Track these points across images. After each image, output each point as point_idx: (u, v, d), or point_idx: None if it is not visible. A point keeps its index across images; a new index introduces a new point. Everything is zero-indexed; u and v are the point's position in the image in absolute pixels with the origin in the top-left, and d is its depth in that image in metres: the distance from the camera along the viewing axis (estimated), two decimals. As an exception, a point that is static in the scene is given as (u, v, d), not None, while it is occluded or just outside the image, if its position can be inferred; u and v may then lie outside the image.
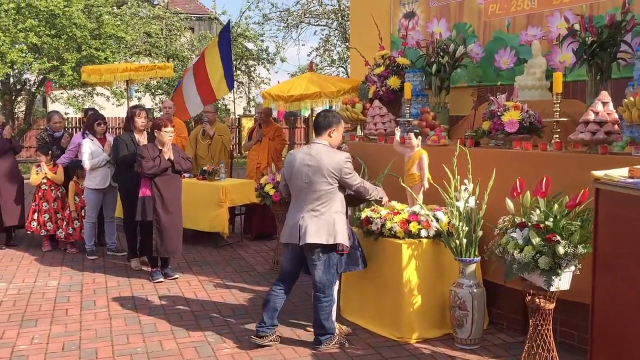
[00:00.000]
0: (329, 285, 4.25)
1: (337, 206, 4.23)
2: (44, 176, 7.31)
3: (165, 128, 5.90)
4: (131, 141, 6.41)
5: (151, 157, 5.84)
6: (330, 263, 4.24)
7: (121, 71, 9.01)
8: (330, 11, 20.23)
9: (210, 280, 6.11)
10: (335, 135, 4.33)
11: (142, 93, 18.88)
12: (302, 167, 4.23)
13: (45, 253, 7.24)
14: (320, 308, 4.25)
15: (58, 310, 5.15)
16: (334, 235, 4.15)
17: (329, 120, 4.32)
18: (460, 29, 6.22)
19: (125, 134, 6.55)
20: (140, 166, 5.82)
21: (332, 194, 4.20)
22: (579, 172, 3.94)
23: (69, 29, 15.06)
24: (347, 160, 4.23)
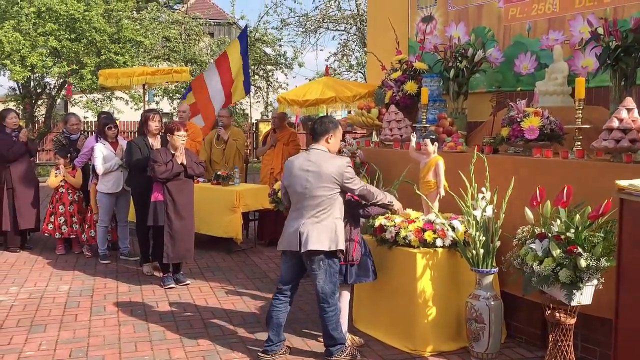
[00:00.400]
0: (331, 294, 4.11)
1: (337, 212, 4.13)
2: (62, 179, 7.29)
3: (177, 132, 5.84)
4: (145, 145, 6.36)
5: (164, 162, 5.78)
6: (332, 271, 4.11)
7: (138, 75, 9.01)
8: (349, 16, 20.13)
9: (222, 286, 6.03)
10: (332, 141, 4.22)
11: (160, 97, 18.95)
12: (302, 172, 4.12)
13: (58, 257, 7.22)
14: (326, 319, 4.12)
15: (67, 315, 5.10)
16: (335, 242, 4.04)
17: (325, 127, 4.19)
18: (479, 33, 6.08)
19: (139, 138, 6.51)
20: (153, 170, 5.76)
21: (333, 200, 4.09)
22: (602, 181, 3.79)
23: (88, 33, 15.15)
24: (348, 165, 4.13)
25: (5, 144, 7.27)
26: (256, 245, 7.83)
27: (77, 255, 7.28)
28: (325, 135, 4.19)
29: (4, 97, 19.36)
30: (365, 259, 4.39)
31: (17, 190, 7.39)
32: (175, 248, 5.84)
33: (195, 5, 28.58)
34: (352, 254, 4.30)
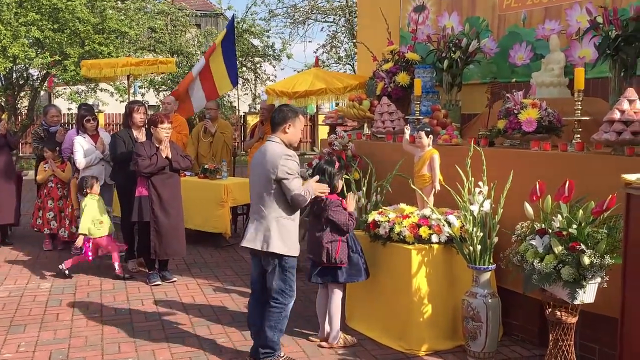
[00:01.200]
0: (279, 292, 3.87)
1: (279, 210, 3.81)
2: (51, 173, 7.05)
3: (161, 125, 5.64)
4: (129, 138, 6.16)
5: (148, 155, 5.58)
6: (284, 269, 3.87)
7: (121, 66, 8.76)
8: (338, 7, 19.94)
9: (210, 283, 5.86)
10: (291, 130, 3.92)
11: (146, 89, 18.64)
12: (253, 166, 3.96)
13: (40, 253, 7.00)
14: (267, 313, 3.87)
15: (49, 314, 4.91)
16: (267, 242, 3.78)
17: (283, 115, 3.92)
18: (474, 23, 5.93)
19: (123, 131, 6.31)
20: (136, 164, 5.56)
21: (272, 195, 3.79)
22: (603, 175, 3.67)
23: (72, 23, 14.82)
24: (286, 157, 3.76)
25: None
26: (244, 240, 7.64)
27: (61, 251, 7.06)
28: (283, 124, 3.90)
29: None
30: (357, 257, 4.24)
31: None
32: (162, 244, 5.66)
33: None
34: (334, 256, 4.13)
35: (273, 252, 3.78)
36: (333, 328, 4.29)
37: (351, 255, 4.22)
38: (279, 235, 3.80)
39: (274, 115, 3.98)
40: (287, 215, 3.85)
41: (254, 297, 4.09)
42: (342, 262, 4.17)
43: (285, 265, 3.88)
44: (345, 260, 4.19)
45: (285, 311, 3.92)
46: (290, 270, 3.91)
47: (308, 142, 24.36)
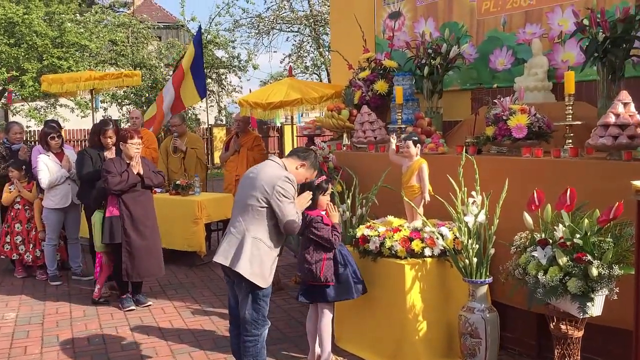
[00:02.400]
0: (251, 322, 3.56)
1: (259, 231, 3.51)
2: (17, 195, 6.63)
3: (131, 140, 5.37)
4: (97, 156, 5.85)
5: (118, 172, 5.29)
6: (255, 298, 3.55)
7: (84, 80, 8.41)
8: (302, 17, 19.80)
9: (187, 306, 5.56)
10: (301, 171, 3.76)
11: (109, 103, 18.13)
12: (244, 179, 3.73)
13: (2, 280, 6.59)
14: (243, 349, 3.61)
15: (15, 348, 4.56)
16: (236, 261, 3.46)
17: (308, 155, 3.82)
18: (452, 29, 5.81)
19: (93, 149, 5.98)
20: (106, 182, 5.26)
21: (258, 214, 3.51)
22: (601, 180, 3.56)
23: (28, 38, 14.31)
24: (286, 180, 3.53)
25: None
26: (220, 258, 7.35)
27: (24, 278, 6.65)
28: (301, 161, 3.77)
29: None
30: (346, 274, 4.02)
31: None
32: (135, 266, 5.35)
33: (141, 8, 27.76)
34: (319, 274, 3.91)
35: (238, 272, 3.46)
36: (324, 350, 4.06)
37: (340, 272, 4.01)
38: (250, 256, 3.47)
39: (299, 149, 3.92)
40: (268, 241, 3.55)
41: (233, 325, 3.80)
42: (328, 280, 3.95)
43: (258, 294, 3.56)
44: (331, 278, 3.97)
45: (260, 342, 3.63)
46: (263, 299, 3.59)
47: (276, 153, 24.12)
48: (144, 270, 5.43)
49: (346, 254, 4.08)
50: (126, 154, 5.40)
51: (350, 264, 4.06)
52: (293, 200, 3.57)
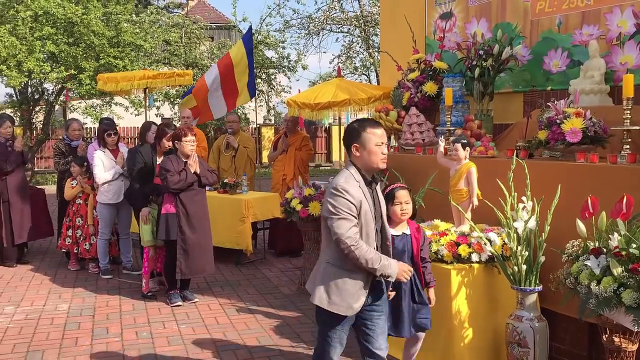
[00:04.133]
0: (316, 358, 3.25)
1: (330, 253, 3.10)
2: (80, 190, 6.85)
3: (185, 138, 5.38)
4: (150, 155, 5.93)
5: (176, 170, 5.32)
6: (323, 330, 3.18)
7: (138, 79, 8.61)
8: (353, 17, 19.77)
9: (232, 303, 5.63)
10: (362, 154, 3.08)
11: (161, 102, 18.55)
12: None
13: (57, 272, 6.82)
14: None
15: (67, 339, 4.70)
16: (311, 287, 3.15)
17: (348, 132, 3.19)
18: (505, 29, 5.69)
19: (146, 147, 6.04)
20: (166, 180, 5.29)
21: (327, 234, 3.09)
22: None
23: (87, 37, 14.75)
24: (334, 193, 2.98)
25: (1, 154, 6.85)
26: (266, 257, 7.43)
27: (77, 270, 6.86)
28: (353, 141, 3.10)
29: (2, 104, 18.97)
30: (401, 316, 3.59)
31: (13, 203, 6.97)
32: (188, 263, 5.42)
33: (195, 9, 28.28)
34: None
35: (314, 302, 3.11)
36: None
37: None
38: (321, 281, 3.10)
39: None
40: (338, 262, 3.06)
41: None
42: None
43: (329, 327, 3.13)
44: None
45: None
46: (331, 335, 3.14)
47: (323, 154, 24.18)
48: (196, 267, 5.49)
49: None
50: (182, 152, 5.39)
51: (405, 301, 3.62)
52: (346, 214, 2.97)
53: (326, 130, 24.24)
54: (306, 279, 5.91)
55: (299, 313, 5.31)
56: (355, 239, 2.96)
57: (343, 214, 2.96)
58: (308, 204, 5.67)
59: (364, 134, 3.06)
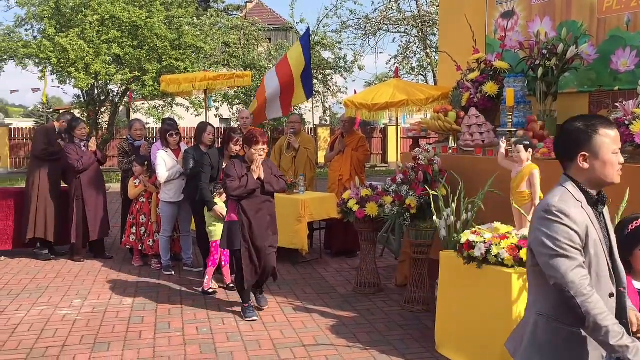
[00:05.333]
0: None
1: (541, 302, 2.25)
2: (143, 189, 7.08)
3: (255, 146, 5.07)
4: (218, 162, 6.06)
5: (237, 176, 5.05)
6: None
7: (199, 80, 8.82)
8: (410, 17, 19.62)
9: (290, 302, 5.69)
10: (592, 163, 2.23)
11: (220, 103, 18.94)
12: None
13: (122, 267, 7.07)
14: None
15: (131, 332, 4.87)
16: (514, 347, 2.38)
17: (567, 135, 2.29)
18: (570, 28, 5.53)
19: (214, 150, 6.22)
20: (225, 186, 5.14)
21: (534, 274, 2.28)
22: None
23: (150, 40, 15.25)
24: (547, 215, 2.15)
25: (75, 154, 7.18)
26: (322, 257, 7.47)
27: (140, 266, 7.09)
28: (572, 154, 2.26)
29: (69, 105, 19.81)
30: None
31: (87, 200, 7.27)
32: (255, 273, 5.20)
33: (253, 11, 28.72)
34: None
35: None
36: None
37: None
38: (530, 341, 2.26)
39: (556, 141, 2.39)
40: (555, 314, 2.19)
41: None
42: None
43: None
44: None
45: None
46: None
47: (379, 155, 24.09)
48: (263, 273, 5.28)
49: None
50: (249, 157, 5.16)
51: None
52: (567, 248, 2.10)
53: (382, 131, 24.15)
54: (362, 279, 5.99)
55: (355, 313, 5.32)
56: (583, 286, 2.07)
57: (562, 249, 2.10)
58: (365, 205, 5.68)
59: (596, 137, 2.21)
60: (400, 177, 5.45)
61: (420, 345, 4.55)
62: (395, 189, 5.46)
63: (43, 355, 4.38)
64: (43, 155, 7.31)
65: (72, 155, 7.13)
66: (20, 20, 17.09)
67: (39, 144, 7.38)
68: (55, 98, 33.26)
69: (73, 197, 7.26)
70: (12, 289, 6.13)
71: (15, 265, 7.14)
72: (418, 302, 5.37)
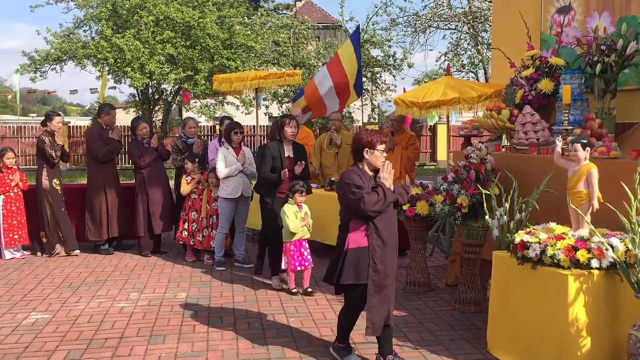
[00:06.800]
0: None
1: None
2: (195, 186, 7.25)
3: (380, 146, 4.02)
4: (278, 151, 6.06)
5: (369, 188, 3.94)
6: None
7: (251, 79, 8.96)
8: (461, 13, 19.34)
9: (339, 300, 5.67)
10: None
11: (270, 101, 19.14)
12: None
13: (176, 262, 7.25)
14: None
15: (185, 325, 4.99)
16: None
17: None
18: (630, 23, 5.36)
19: (273, 143, 6.15)
20: (362, 202, 3.84)
21: None
22: None
23: (202, 40, 15.55)
24: None
25: (136, 151, 7.42)
26: (371, 255, 7.46)
27: (192, 261, 7.25)
28: None
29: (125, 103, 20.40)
30: None
31: (151, 195, 7.49)
32: (382, 311, 4.03)
33: (302, 9, 28.88)
34: None
35: None
36: None
37: None
38: None
39: None
40: None
41: None
42: None
43: None
44: None
45: None
46: None
47: (428, 153, 23.86)
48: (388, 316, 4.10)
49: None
50: (373, 163, 4.04)
51: None
52: None
53: (431, 129, 23.90)
54: (412, 278, 5.96)
55: (405, 312, 5.31)
56: None
57: None
58: (415, 203, 5.65)
59: None
60: (451, 176, 5.40)
61: (472, 345, 4.51)
62: (447, 188, 5.41)
63: (102, 346, 4.54)
64: (106, 157, 7.55)
65: (134, 152, 7.39)
66: (79, 22, 17.71)
67: (99, 148, 7.53)
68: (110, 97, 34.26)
69: (137, 193, 7.49)
70: (72, 281, 6.38)
71: (75, 259, 7.42)
72: (469, 303, 5.31)
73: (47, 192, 7.43)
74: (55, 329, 4.92)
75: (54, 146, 7.43)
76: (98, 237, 7.58)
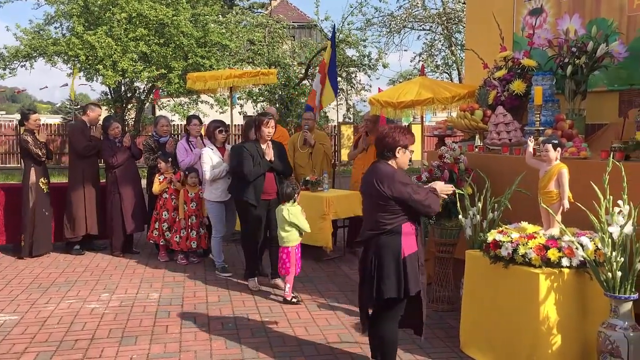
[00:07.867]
0: None
1: None
2: (166, 185, 7.15)
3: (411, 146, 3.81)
4: (256, 151, 5.87)
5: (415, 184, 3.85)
6: None
7: (225, 78, 8.87)
8: (435, 14, 19.48)
9: (314, 299, 5.71)
10: None
11: (244, 100, 19.03)
12: None
13: (148, 262, 7.16)
14: None
15: (158, 326, 4.93)
16: None
17: None
18: (600, 26, 5.45)
19: (251, 143, 5.98)
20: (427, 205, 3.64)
21: None
22: None
23: (176, 38, 15.39)
24: None
25: (109, 150, 7.31)
26: (345, 254, 7.49)
27: (165, 262, 7.17)
28: None
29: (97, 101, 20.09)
30: None
31: (123, 194, 7.38)
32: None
33: (278, 8, 28.81)
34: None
35: None
36: None
37: None
38: None
39: None
40: None
41: None
42: None
43: None
44: None
45: None
46: None
47: (403, 152, 23.97)
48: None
49: None
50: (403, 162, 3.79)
51: None
52: None
53: (406, 129, 24.00)
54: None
55: (379, 311, 5.32)
56: None
57: None
58: (390, 203, 5.66)
59: None
60: (425, 176, 5.43)
61: (445, 344, 4.54)
62: (421, 188, 5.44)
63: (72, 347, 4.46)
64: (86, 151, 7.43)
65: (106, 151, 7.28)
66: (50, 18, 17.40)
67: (79, 141, 7.44)
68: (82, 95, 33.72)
69: (109, 192, 7.39)
70: (42, 282, 6.25)
71: (44, 259, 7.28)
72: (442, 301, 5.35)
73: (33, 191, 7.28)
74: (24, 330, 4.82)
75: (37, 144, 7.28)
76: (75, 234, 7.44)
